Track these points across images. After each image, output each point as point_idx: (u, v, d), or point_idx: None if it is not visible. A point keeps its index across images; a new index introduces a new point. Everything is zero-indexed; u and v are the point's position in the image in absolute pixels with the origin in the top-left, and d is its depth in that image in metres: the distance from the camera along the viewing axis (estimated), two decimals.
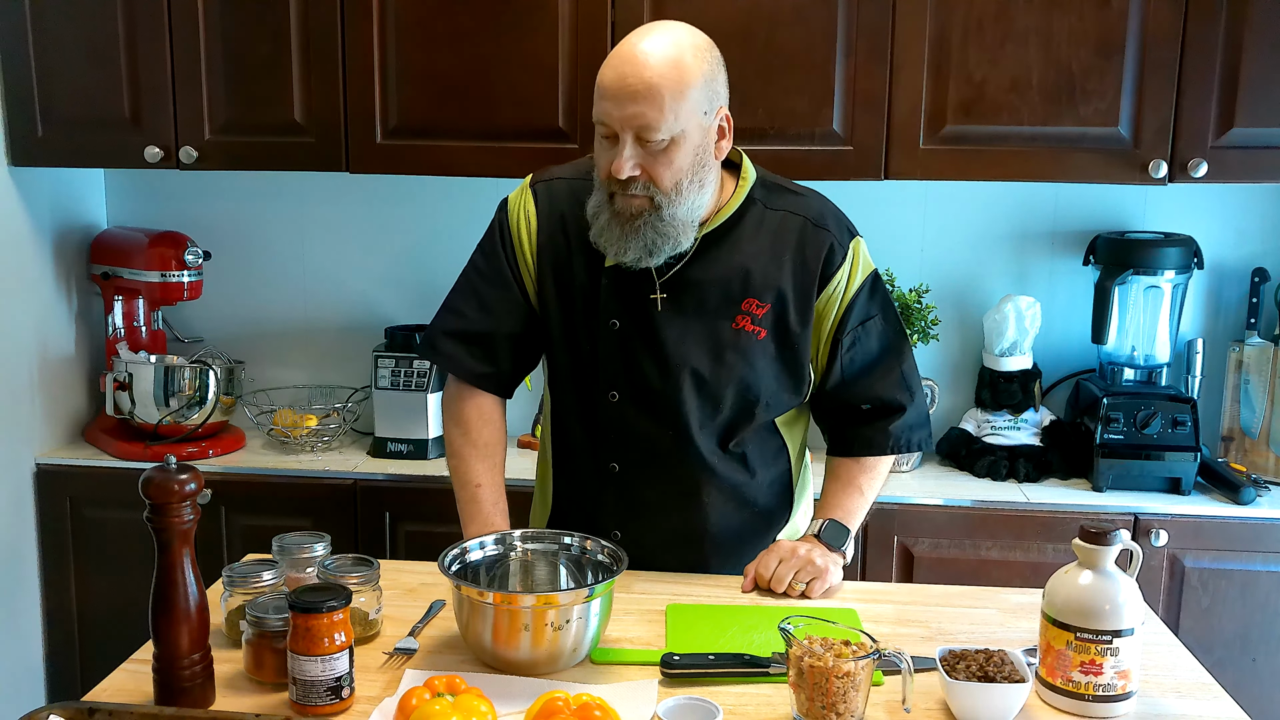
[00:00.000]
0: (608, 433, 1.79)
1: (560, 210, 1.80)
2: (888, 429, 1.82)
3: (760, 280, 1.74)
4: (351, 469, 2.58)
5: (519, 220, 1.82)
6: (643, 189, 1.65)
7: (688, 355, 1.74)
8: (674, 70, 1.61)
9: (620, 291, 1.75)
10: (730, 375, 1.74)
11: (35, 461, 2.63)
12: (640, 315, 1.74)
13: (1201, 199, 2.69)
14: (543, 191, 1.82)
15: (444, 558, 1.55)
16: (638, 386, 1.76)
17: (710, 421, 1.77)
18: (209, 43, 2.49)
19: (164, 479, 1.34)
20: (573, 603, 1.44)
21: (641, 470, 1.79)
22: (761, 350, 1.75)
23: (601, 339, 1.76)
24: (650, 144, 1.62)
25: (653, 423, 1.77)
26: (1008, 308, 2.60)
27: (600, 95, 1.63)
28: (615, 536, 1.80)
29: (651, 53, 1.61)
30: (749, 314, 1.74)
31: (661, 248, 1.68)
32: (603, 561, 1.60)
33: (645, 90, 1.59)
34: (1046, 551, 2.39)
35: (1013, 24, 2.34)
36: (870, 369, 1.81)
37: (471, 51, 2.44)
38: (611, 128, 1.63)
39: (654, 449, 1.78)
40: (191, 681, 1.37)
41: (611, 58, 1.64)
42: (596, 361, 1.77)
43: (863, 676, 1.33)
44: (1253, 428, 2.61)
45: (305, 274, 2.90)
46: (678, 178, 1.66)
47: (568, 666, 1.49)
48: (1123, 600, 1.38)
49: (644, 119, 1.60)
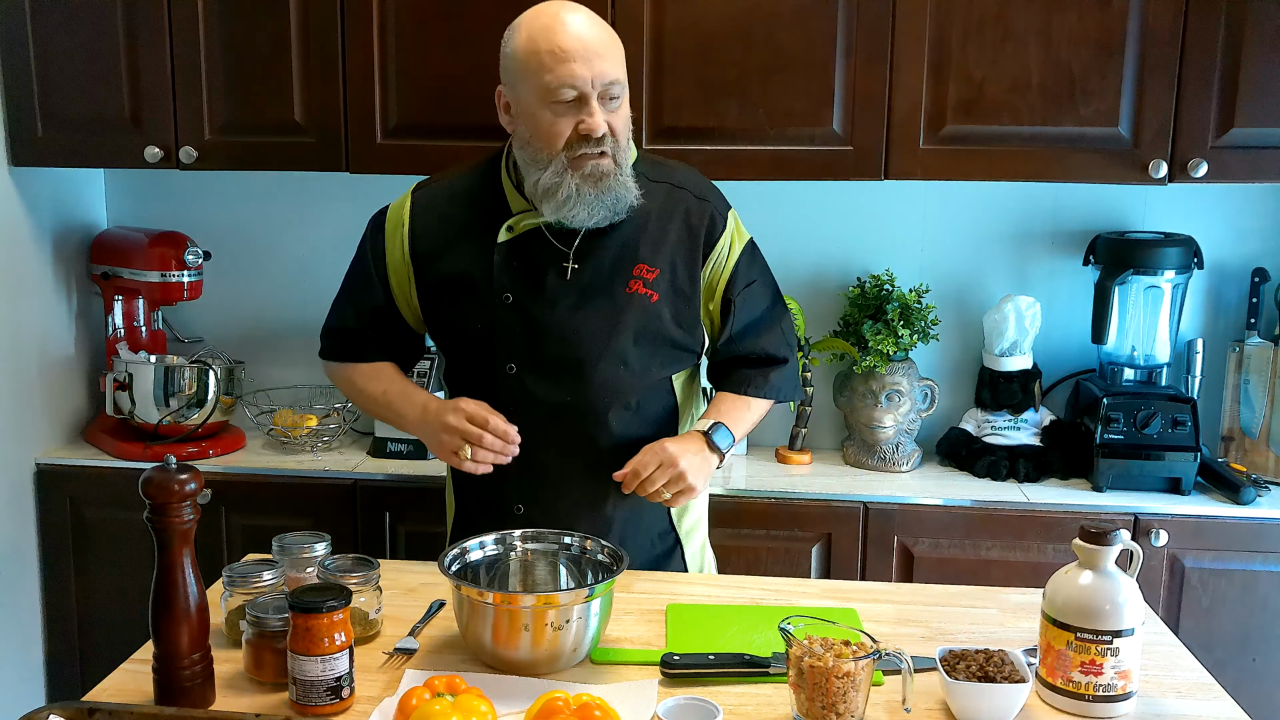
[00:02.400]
0: (506, 405, 1.82)
1: (437, 213, 1.88)
2: (768, 375, 1.92)
3: (650, 247, 1.82)
4: (351, 469, 2.58)
5: (394, 231, 1.90)
6: (609, 146, 1.73)
7: (584, 320, 1.80)
8: (610, 31, 1.74)
9: (513, 266, 1.81)
10: (624, 337, 1.81)
11: (35, 461, 2.63)
12: (536, 286, 1.81)
13: (1201, 199, 2.69)
14: (418, 201, 1.91)
15: (444, 558, 1.55)
16: (535, 355, 1.82)
17: (608, 383, 1.82)
18: (209, 43, 2.49)
19: (164, 479, 1.34)
20: (573, 603, 1.45)
21: (542, 441, 1.83)
22: (655, 312, 1.82)
23: (496, 314, 1.82)
24: (611, 100, 1.72)
25: (552, 389, 1.82)
26: (1008, 308, 2.60)
27: (558, 60, 1.68)
28: (519, 511, 1.84)
29: (586, 16, 1.72)
30: (640, 278, 1.82)
31: (624, 202, 1.77)
32: (603, 561, 1.61)
33: (605, 48, 1.70)
34: (1046, 551, 2.39)
35: (1013, 24, 2.34)
36: (756, 326, 1.91)
37: (471, 52, 2.44)
38: (579, 89, 1.69)
39: (554, 416, 1.83)
40: (191, 681, 1.37)
41: (549, 25, 1.70)
42: (492, 336, 1.83)
43: (863, 676, 1.33)
44: (1253, 428, 2.61)
45: (305, 274, 2.90)
46: (627, 131, 1.77)
47: (568, 666, 1.49)
48: (1123, 600, 1.38)
49: (612, 74, 1.70)
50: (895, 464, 2.61)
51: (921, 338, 2.61)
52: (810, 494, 2.47)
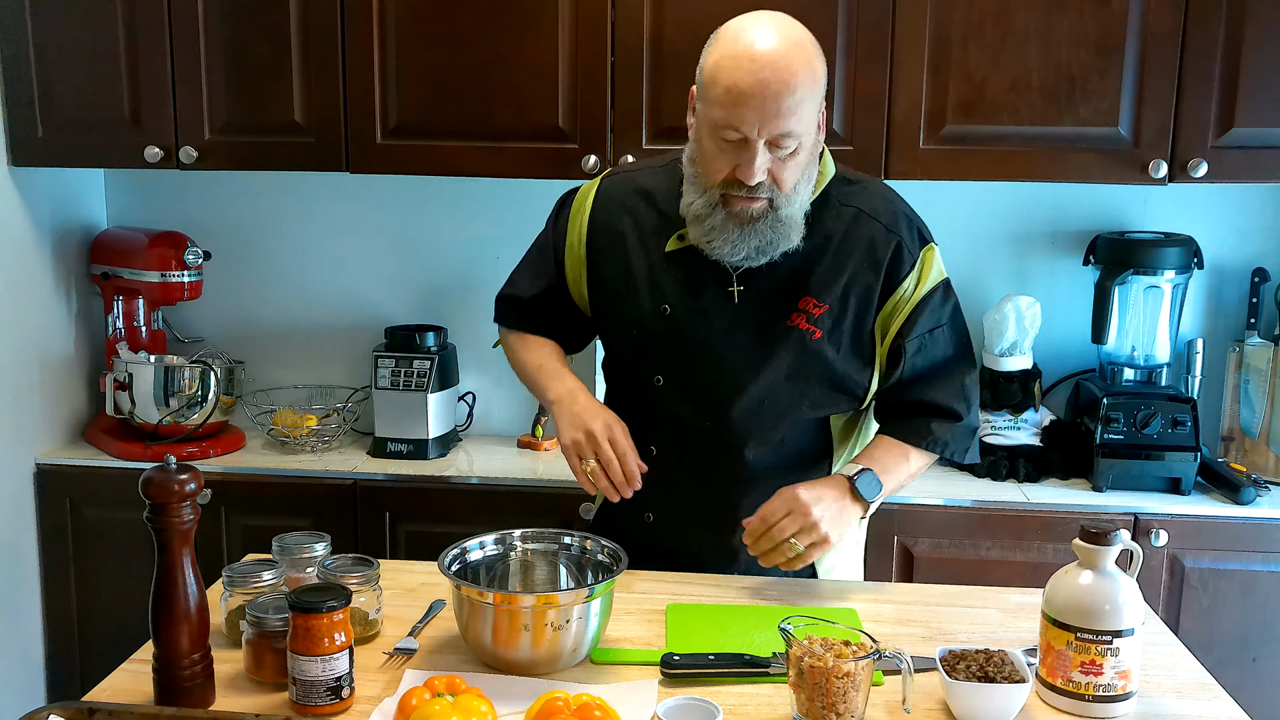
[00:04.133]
0: (649, 416, 1.79)
1: (618, 205, 1.83)
2: (930, 424, 1.78)
3: (820, 280, 1.72)
4: (351, 469, 2.58)
5: (575, 214, 1.86)
6: (765, 191, 1.63)
7: (737, 346, 1.73)
8: (809, 71, 1.58)
9: (678, 278, 1.76)
10: (777, 371, 1.73)
11: (35, 461, 2.63)
12: (696, 303, 1.75)
13: (1201, 199, 2.69)
14: (604, 189, 1.85)
15: (444, 558, 1.55)
16: (682, 373, 1.77)
17: (753, 414, 1.75)
18: (209, 43, 2.49)
19: (164, 479, 1.34)
20: (573, 603, 1.44)
21: (679, 455, 1.80)
22: (815, 350, 1.72)
23: (652, 323, 1.77)
24: (781, 149, 1.60)
25: (694, 409, 1.77)
26: (1008, 308, 2.60)
27: (729, 99, 1.56)
28: (649, 519, 1.82)
29: (785, 52, 1.56)
30: (805, 312, 1.72)
31: (776, 246, 1.67)
32: (603, 561, 1.60)
33: (789, 97, 1.55)
34: (1046, 551, 2.39)
35: (1013, 24, 2.34)
36: (931, 376, 1.78)
37: (471, 51, 2.44)
38: (744, 134, 1.58)
39: (693, 437, 1.78)
40: (191, 681, 1.37)
41: (738, 57, 1.57)
42: (645, 345, 1.79)
43: (863, 676, 1.33)
44: (1253, 428, 2.61)
45: (305, 274, 2.90)
46: (797, 179, 1.65)
47: (568, 666, 1.49)
48: (1123, 600, 1.38)
49: (784, 125, 1.57)
50: None
51: None
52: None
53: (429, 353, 2.67)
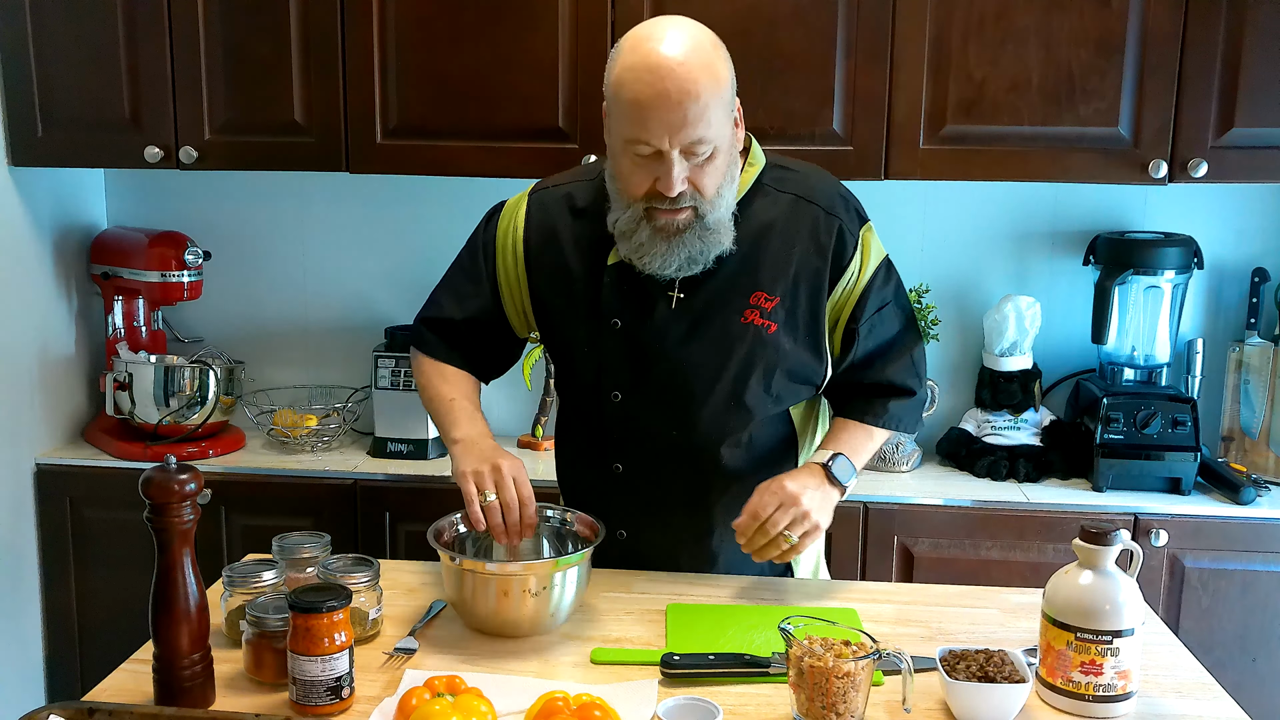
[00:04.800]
0: (611, 433, 1.77)
1: (552, 220, 1.78)
2: (888, 404, 1.79)
3: (769, 272, 1.70)
4: (351, 469, 2.58)
5: (506, 230, 1.81)
6: (688, 200, 1.60)
7: (694, 352, 1.71)
8: (710, 76, 1.54)
9: (623, 290, 1.72)
10: (737, 371, 1.71)
11: (35, 461, 2.63)
12: (645, 313, 1.71)
13: (1201, 199, 2.69)
14: (535, 203, 1.80)
15: (433, 528, 1.64)
16: (642, 385, 1.74)
17: (719, 417, 1.74)
18: (209, 43, 2.49)
19: (164, 479, 1.34)
20: (547, 571, 1.55)
21: (647, 470, 1.78)
22: (773, 343, 1.71)
23: (604, 339, 1.73)
24: (696, 156, 1.57)
25: (658, 420, 1.74)
26: (1008, 308, 2.60)
27: (634, 113, 1.54)
28: (621, 536, 1.80)
29: (683, 60, 1.52)
30: (757, 307, 1.70)
31: (707, 254, 1.65)
32: (582, 533, 1.71)
33: (693, 104, 1.52)
34: (1046, 551, 2.39)
35: (1013, 24, 2.34)
36: (884, 354, 1.78)
37: (471, 51, 2.44)
38: (655, 146, 1.55)
39: (659, 448, 1.76)
40: (191, 681, 1.37)
41: (636, 69, 1.54)
42: (599, 362, 1.75)
43: (863, 676, 1.33)
44: (1253, 428, 2.61)
45: (305, 274, 2.90)
46: (719, 182, 1.62)
47: (546, 631, 1.59)
48: (1123, 600, 1.38)
49: (694, 133, 1.53)
50: (895, 464, 2.61)
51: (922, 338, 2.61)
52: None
53: None
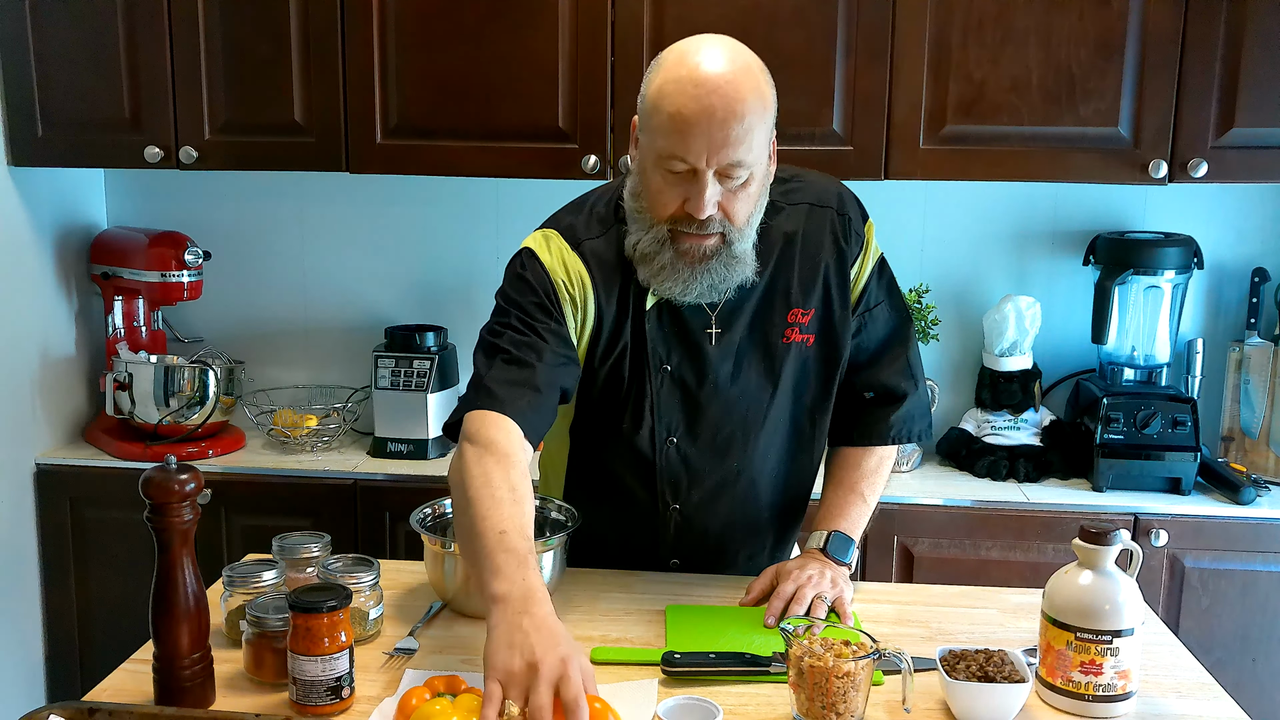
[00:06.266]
0: (666, 477, 1.71)
1: (608, 272, 1.65)
2: (889, 418, 1.74)
3: (800, 286, 1.66)
4: (351, 469, 2.58)
5: (572, 283, 1.64)
6: (717, 226, 1.53)
7: (747, 385, 1.66)
8: (758, 98, 1.48)
9: (668, 332, 1.65)
10: (788, 393, 1.68)
11: (35, 461, 2.63)
12: (692, 352, 1.65)
13: (1201, 199, 2.69)
14: (589, 254, 1.65)
15: (417, 512, 1.68)
16: (698, 427, 1.68)
17: (773, 447, 1.72)
18: (209, 43, 2.49)
19: (164, 479, 1.34)
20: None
21: (705, 508, 1.73)
22: (812, 357, 1.68)
23: (655, 384, 1.66)
24: (732, 180, 1.50)
25: (713, 461, 1.70)
26: (1008, 308, 2.60)
27: (675, 126, 1.46)
28: (674, 564, 1.79)
29: (731, 78, 1.46)
30: (795, 324, 1.66)
31: (729, 282, 1.59)
32: (559, 520, 1.74)
33: (738, 125, 1.45)
34: (1046, 551, 2.39)
35: (1013, 24, 2.34)
36: (877, 356, 1.74)
37: (471, 51, 2.44)
38: (691, 163, 1.48)
39: (716, 486, 1.72)
40: (191, 681, 1.37)
41: (681, 81, 1.47)
42: (651, 408, 1.67)
43: (863, 676, 1.33)
44: (1253, 428, 2.61)
45: (305, 274, 2.90)
46: (750, 210, 1.55)
47: None
48: (1123, 600, 1.38)
49: (734, 154, 1.46)
50: (895, 464, 2.60)
51: (921, 338, 2.61)
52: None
53: (429, 353, 2.67)
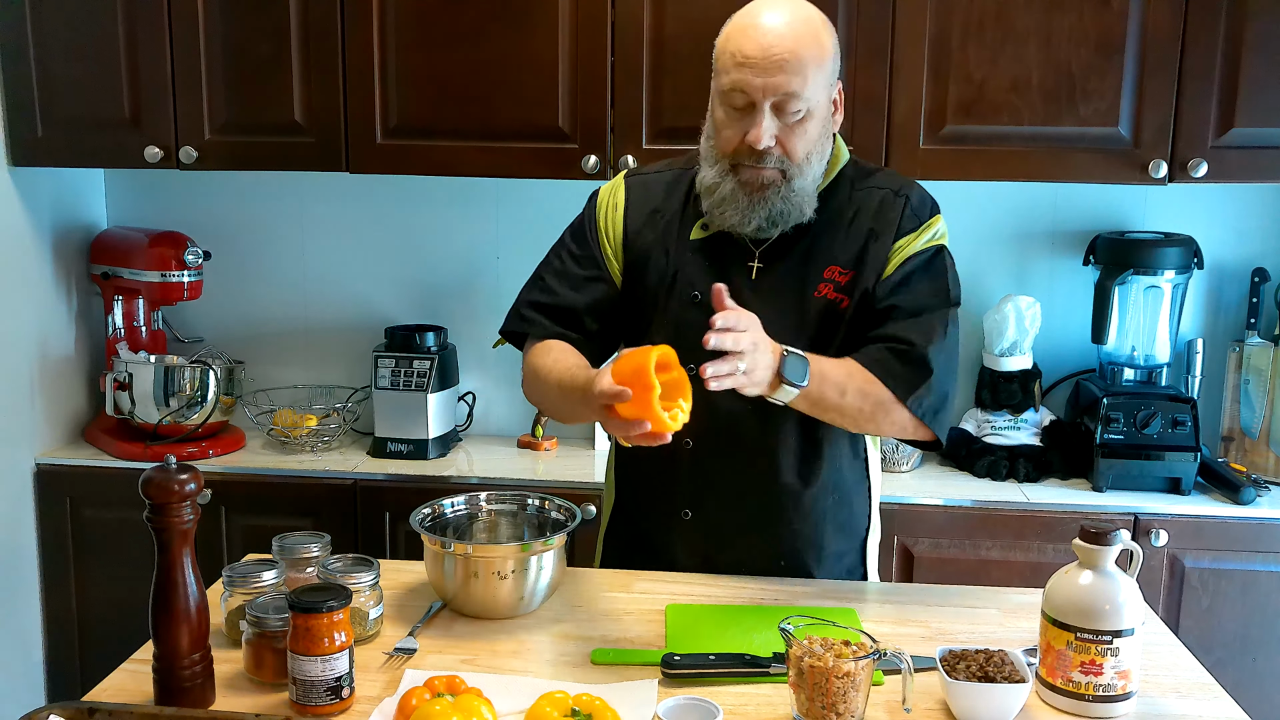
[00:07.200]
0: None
1: (654, 204, 1.82)
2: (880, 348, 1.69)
3: (843, 248, 1.74)
4: (351, 469, 2.58)
5: (606, 210, 1.84)
6: (775, 161, 1.66)
7: (770, 326, 1.66)
8: (814, 41, 1.63)
9: (705, 265, 1.76)
10: (811, 346, 1.69)
11: (35, 461, 2.63)
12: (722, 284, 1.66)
13: (1201, 199, 2.69)
14: (636, 185, 1.85)
15: (417, 513, 1.68)
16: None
17: None
18: (209, 43, 2.49)
19: (164, 479, 1.34)
20: (524, 554, 1.61)
21: (717, 447, 1.76)
22: (843, 319, 1.73)
23: (682, 312, 1.75)
24: (788, 114, 1.64)
25: (732, 396, 1.68)
26: (1008, 308, 2.60)
27: (735, 63, 1.62)
28: (685, 515, 1.79)
29: (792, 22, 1.63)
30: (831, 280, 1.73)
31: (787, 218, 1.70)
32: (560, 519, 1.75)
33: (791, 59, 1.61)
34: (1046, 551, 2.39)
35: (1013, 24, 2.34)
36: (901, 315, 1.71)
37: (471, 51, 2.44)
38: (750, 96, 1.63)
39: (731, 424, 1.74)
40: (191, 681, 1.37)
41: (744, 26, 1.64)
42: (675, 337, 1.68)
43: (863, 676, 1.33)
44: (1253, 428, 2.61)
45: (305, 274, 2.90)
46: (809, 149, 1.68)
47: (521, 613, 1.63)
48: (1123, 600, 1.38)
49: (788, 87, 1.61)
50: (895, 464, 2.61)
51: None
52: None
53: (429, 353, 2.67)
